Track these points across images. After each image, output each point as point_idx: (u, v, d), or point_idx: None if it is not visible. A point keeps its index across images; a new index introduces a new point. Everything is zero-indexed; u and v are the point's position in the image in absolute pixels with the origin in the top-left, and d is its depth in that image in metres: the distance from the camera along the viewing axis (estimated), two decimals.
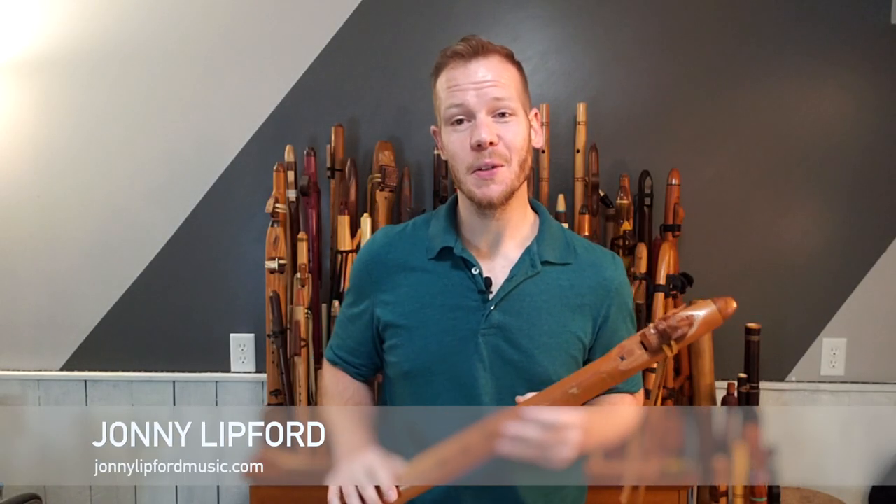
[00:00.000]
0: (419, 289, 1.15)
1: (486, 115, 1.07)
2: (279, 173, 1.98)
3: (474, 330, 1.12)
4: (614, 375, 0.91)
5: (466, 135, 1.08)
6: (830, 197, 2.11)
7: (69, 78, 2.12)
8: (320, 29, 2.09)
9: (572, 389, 0.94)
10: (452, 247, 1.15)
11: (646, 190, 1.99)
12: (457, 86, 1.08)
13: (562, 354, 1.13)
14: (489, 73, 1.07)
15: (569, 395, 0.93)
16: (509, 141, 1.08)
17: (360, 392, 1.27)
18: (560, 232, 1.20)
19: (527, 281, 1.13)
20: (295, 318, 1.87)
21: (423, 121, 2.09)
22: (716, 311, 0.85)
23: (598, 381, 0.93)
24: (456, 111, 1.08)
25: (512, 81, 1.10)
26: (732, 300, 0.86)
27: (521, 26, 2.06)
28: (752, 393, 1.89)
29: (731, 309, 0.86)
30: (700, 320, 0.85)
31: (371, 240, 1.25)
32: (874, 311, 2.12)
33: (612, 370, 0.91)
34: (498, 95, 1.07)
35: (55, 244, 2.18)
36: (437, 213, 1.22)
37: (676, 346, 0.86)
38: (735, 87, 2.08)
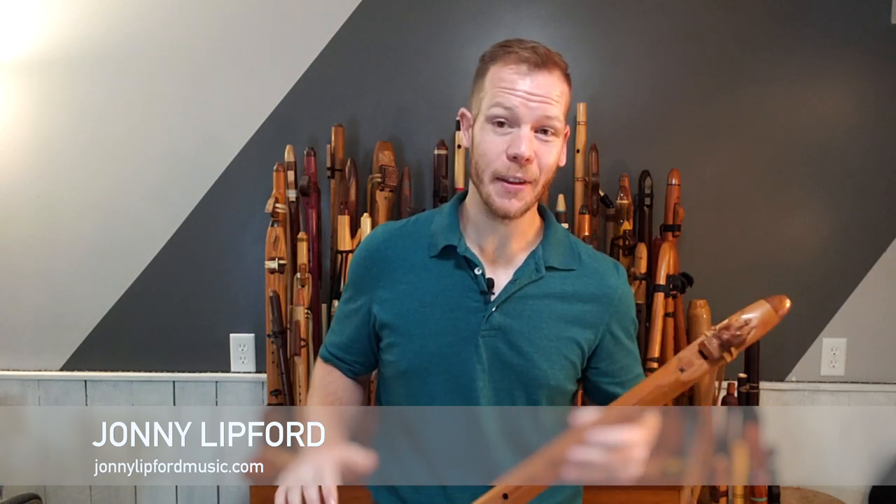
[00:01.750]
0: (419, 287, 1.14)
1: (530, 130, 1.04)
2: (279, 173, 1.98)
3: (474, 331, 1.10)
4: (675, 388, 0.89)
5: (505, 140, 1.05)
6: (830, 197, 2.11)
7: (69, 78, 2.12)
8: (320, 29, 2.09)
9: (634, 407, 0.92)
10: (456, 245, 1.13)
11: (646, 190, 1.99)
12: (511, 90, 1.04)
13: (561, 360, 1.12)
14: (548, 89, 1.04)
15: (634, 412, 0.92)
16: (544, 160, 1.05)
17: (349, 390, 1.24)
18: (565, 238, 1.19)
19: (530, 285, 1.12)
20: (295, 318, 1.87)
21: (423, 121, 2.09)
22: (771, 311, 0.84)
23: (659, 395, 0.90)
24: (501, 112, 1.05)
25: (563, 100, 1.07)
26: (786, 298, 0.85)
27: (521, 26, 2.06)
28: (752, 393, 1.89)
29: (785, 307, 0.85)
30: (758, 323, 0.84)
31: (370, 235, 1.23)
32: (874, 311, 2.12)
33: (672, 382, 0.88)
34: (548, 114, 1.04)
35: (55, 244, 2.18)
36: (441, 209, 1.20)
37: (736, 352, 0.85)
38: (735, 87, 2.08)
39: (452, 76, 2.08)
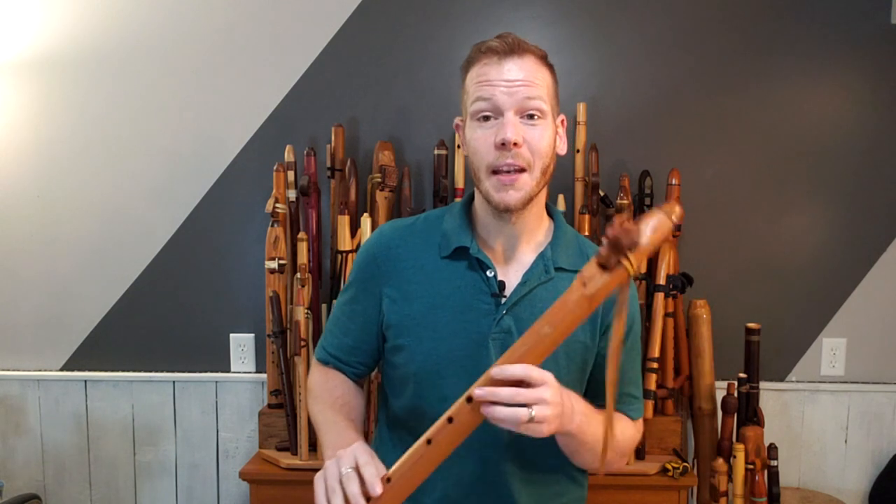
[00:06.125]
0: (429, 288, 1.12)
1: (514, 115, 1.04)
2: (279, 173, 1.98)
3: (485, 333, 1.09)
4: (582, 304, 0.85)
5: (491, 132, 1.05)
6: (830, 197, 2.11)
7: (69, 78, 2.12)
8: (320, 29, 2.09)
9: (545, 329, 0.87)
10: (468, 247, 1.11)
11: (646, 190, 1.99)
12: (487, 81, 1.05)
13: (569, 363, 1.10)
14: (522, 73, 1.04)
15: (543, 335, 0.88)
16: (534, 145, 1.05)
17: (351, 392, 1.21)
18: (574, 238, 1.18)
19: (539, 287, 1.10)
20: (295, 318, 1.87)
21: (423, 121, 2.09)
22: (662, 215, 0.82)
23: (567, 313, 0.86)
24: (484, 105, 1.05)
25: (544, 83, 1.07)
26: (676, 204, 0.84)
27: (521, 26, 2.06)
28: (752, 393, 1.88)
29: (676, 210, 0.83)
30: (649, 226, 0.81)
31: (378, 232, 1.21)
32: (874, 311, 2.12)
33: (578, 298, 0.85)
34: (529, 95, 1.04)
35: (55, 244, 2.18)
36: (452, 209, 1.19)
37: (635, 259, 0.81)
38: (735, 86, 2.08)
39: (452, 76, 2.05)
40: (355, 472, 0.93)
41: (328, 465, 0.96)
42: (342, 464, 0.95)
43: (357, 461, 0.94)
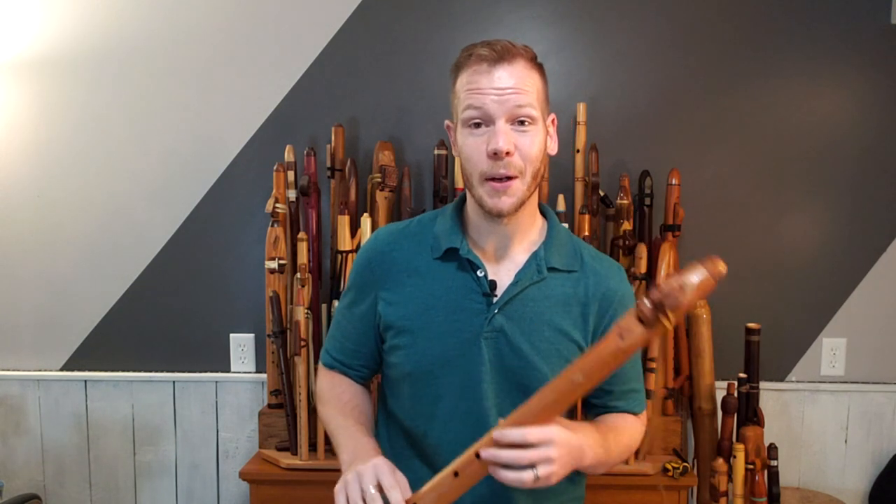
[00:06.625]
0: (423, 289, 1.13)
1: (504, 123, 1.05)
2: (279, 173, 1.98)
3: (477, 333, 1.10)
4: (617, 356, 0.88)
5: (483, 140, 1.06)
6: (830, 197, 2.11)
7: (69, 78, 2.12)
8: (320, 29, 2.09)
9: (577, 377, 0.90)
10: (458, 248, 1.13)
11: (646, 190, 1.99)
12: (478, 89, 1.06)
13: (561, 362, 1.10)
14: (512, 80, 1.05)
15: (575, 384, 0.90)
16: (526, 152, 1.06)
17: (359, 395, 1.23)
18: (568, 238, 1.19)
19: (532, 286, 1.11)
20: (295, 318, 1.87)
21: (423, 121, 2.09)
22: (707, 275, 0.83)
23: (602, 365, 0.89)
24: (475, 113, 1.06)
25: (534, 87, 1.07)
26: (719, 260, 0.84)
27: (521, 26, 2.06)
28: (752, 393, 1.88)
29: (719, 269, 0.84)
30: (692, 286, 0.82)
31: (374, 236, 1.23)
32: (874, 311, 2.12)
33: (613, 350, 0.88)
34: (519, 103, 1.05)
35: (55, 244, 2.18)
36: (444, 211, 1.20)
37: (674, 316, 0.83)
38: (735, 86, 2.08)
39: None
40: (379, 495, 0.95)
41: (349, 481, 0.98)
42: (364, 481, 0.97)
43: (381, 482, 0.97)
